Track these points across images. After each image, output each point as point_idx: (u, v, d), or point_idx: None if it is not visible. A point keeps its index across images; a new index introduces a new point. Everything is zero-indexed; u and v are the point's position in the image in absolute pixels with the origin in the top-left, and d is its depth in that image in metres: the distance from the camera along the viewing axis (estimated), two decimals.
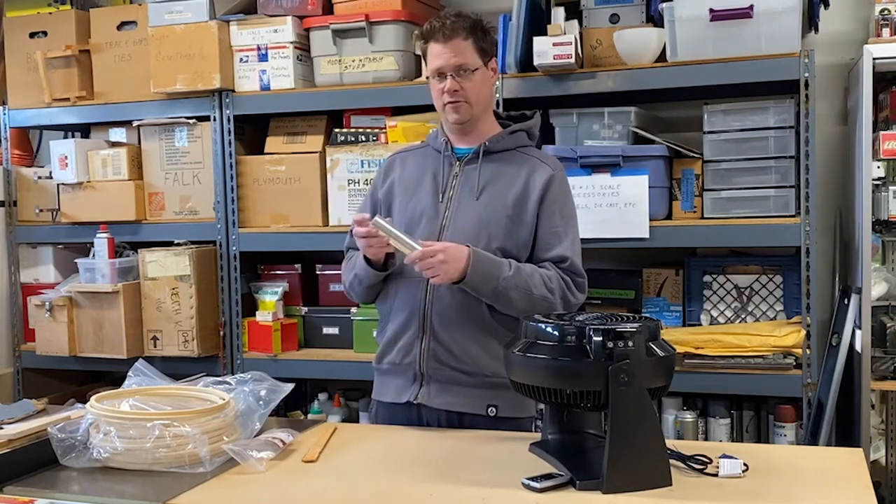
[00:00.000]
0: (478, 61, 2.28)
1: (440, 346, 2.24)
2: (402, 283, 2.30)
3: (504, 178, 2.29)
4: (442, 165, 2.34)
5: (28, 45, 3.81)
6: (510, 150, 2.34)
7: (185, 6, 3.47)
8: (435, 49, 2.27)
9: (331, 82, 3.42)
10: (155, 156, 3.66)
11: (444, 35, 2.25)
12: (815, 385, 2.91)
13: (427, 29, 2.29)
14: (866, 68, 2.82)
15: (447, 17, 2.28)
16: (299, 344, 3.58)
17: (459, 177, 2.32)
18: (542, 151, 2.48)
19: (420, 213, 2.31)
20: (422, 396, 2.26)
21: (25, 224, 3.89)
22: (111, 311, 3.52)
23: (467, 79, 2.26)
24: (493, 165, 2.31)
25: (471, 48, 2.27)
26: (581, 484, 1.70)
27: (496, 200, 2.27)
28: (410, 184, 2.36)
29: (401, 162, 2.43)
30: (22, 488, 1.81)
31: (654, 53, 3.08)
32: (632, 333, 1.69)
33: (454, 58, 2.25)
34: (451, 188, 2.31)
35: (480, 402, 2.24)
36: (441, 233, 2.27)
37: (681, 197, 3.07)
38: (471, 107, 2.28)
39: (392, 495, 1.76)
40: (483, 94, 2.31)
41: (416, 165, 2.39)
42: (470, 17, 2.30)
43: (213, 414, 1.92)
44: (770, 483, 1.74)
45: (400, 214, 2.33)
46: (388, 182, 2.40)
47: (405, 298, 2.29)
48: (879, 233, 3.19)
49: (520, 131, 2.37)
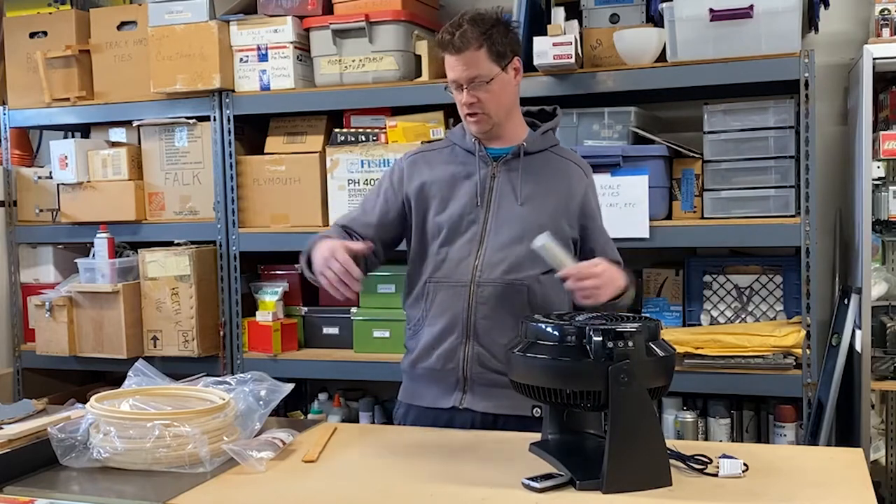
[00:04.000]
0: (493, 69, 2.19)
1: (484, 350, 2.21)
2: (442, 287, 2.26)
3: (544, 182, 2.27)
4: (478, 167, 2.28)
5: (28, 45, 3.81)
6: (544, 150, 2.32)
7: (185, 6, 3.47)
8: (449, 61, 2.21)
9: (331, 82, 3.42)
10: (155, 156, 3.66)
11: (455, 47, 2.18)
12: (815, 385, 2.91)
13: (440, 39, 2.22)
14: (866, 68, 2.81)
15: (459, 26, 2.19)
16: (299, 344, 3.58)
17: (497, 179, 2.27)
18: (571, 151, 2.44)
19: (461, 217, 2.26)
20: (466, 401, 2.23)
21: (25, 224, 3.89)
22: (111, 311, 3.52)
23: (484, 90, 2.19)
24: (532, 168, 2.28)
25: (484, 57, 2.18)
26: (581, 484, 1.70)
27: (539, 206, 2.24)
28: (445, 186, 2.29)
29: (426, 162, 2.35)
30: (22, 488, 1.81)
31: (654, 53, 3.08)
32: (632, 333, 1.69)
33: (467, 70, 2.18)
34: (491, 191, 2.26)
35: (525, 404, 2.16)
36: (483, 239, 2.24)
37: (681, 197, 3.08)
38: (490, 117, 2.23)
39: (392, 495, 1.76)
40: (504, 100, 2.24)
41: (447, 166, 2.32)
42: (485, 20, 2.20)
43: (213, 414, 1.92)
44: (770, 483, 1.74)
45: (438, 219, 2.28)
46: (416, 183, 2.32)
47: (445, 303, 2.25)
48: (879, 233, 3.20)
49: (549, 130, 2.35)
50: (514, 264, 2.21)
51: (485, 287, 2.21)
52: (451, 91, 2.26)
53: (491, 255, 2.22)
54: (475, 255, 2.23)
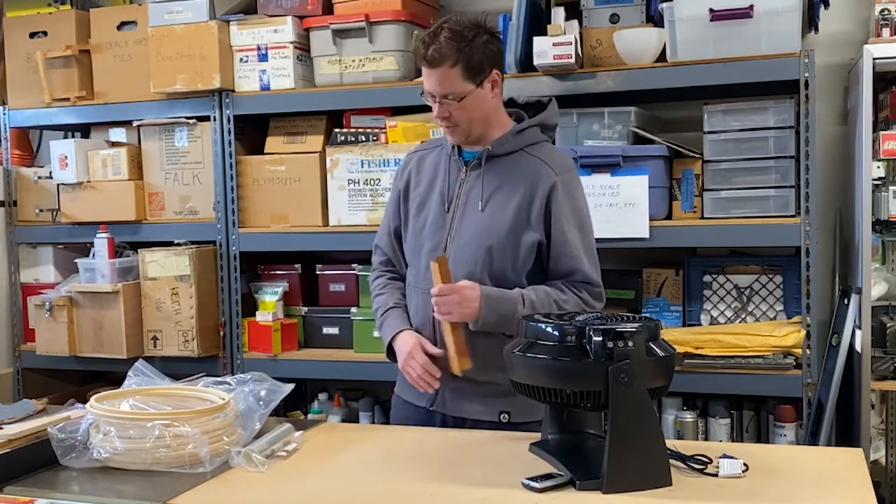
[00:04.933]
0: (467, 87, 2.15)
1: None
2: (415, 292, 2.31)
3: (507, 186, 2.22)
4: (449, 170, 2.29)
5: (28, 45, 3.81)
6: (516, 151, 2.26)
7: (185, 6, 3.47)
8: (424, 71, 2.18)
9: (331, 82, 3.42)
10: (155, 156, 3.66)
11: (428, 62, 2.14)
12: (815, 385, 2.91)
13: (416, 48, 2.19)
14: (866, 68, 2.82)
15: (436, 39, 2.13)
16: (299, 344, 3.58)
17: (465, 184, 2.26)
18: (552, 149, 2.35)
19: (430, 222, 2.28)
20: (438, 404, 2.28)
21: (25, 224, 3.89)
22: (111, 311, 3.52)
23: (456, 106, 2.17)
24: (498, 171, 2.24)
25: (457, 76, 2.14)
26: (581, 484, 1.70)
27: (499, 211, 2.21)
28: (423, 189, 2.32)
29: (417, 161, 2.38)
30: (22, 488, 1.81)
31: (654, 53, 3.08)
32: (632, 333, 1.69)
33: (440, 87, 2.15)
34: (457, 196, 2.26)
35: (493, 410, 2.24)
36: (447, 245, 2.25)
37: (681, 197, 3.07)
38: (463, 129, 2.22)
39: (392, 495, 1.76)
40: (476, 114, 2.21)
41: (430, 168, 2.34)
42: (464, 33, 2.14)
43: (213, 414, 1.92)
44: (770, 483, 1.74)
45: (413, 224, 2.32)
46: (405, 180, 2.37)
47: (418, 308, 2.30)
48: (879, 233, 3.20)
49: (530, 128, 2.28)
50: (472, 272, 2.21)
51: None
52: (427, 99, 2.23)
53: (452, 263, 2.22)
54: None
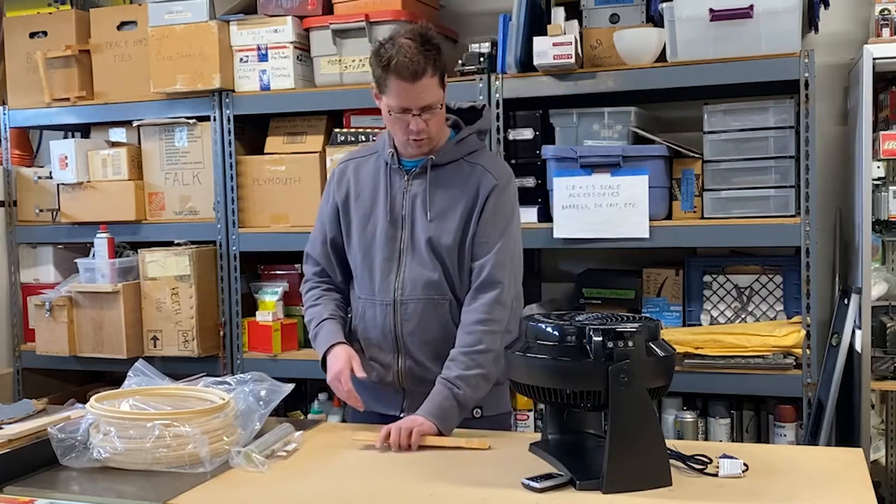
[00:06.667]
0: (440, 93, 2.18)
1: (416, 364, 2.25)
2: (369, 304, 2.29)
3: (451, 195, 2.23)
4: (391, 181, 2.27)
5: (28, 45, 3.81)
6: (457, 160, 2.26)
7: (185, 6, 3.46)
8: (401, 86, 2.11)
9: (331, 82, 3.42)
10: (155, 156, 3.66)
11: (412, 74, 2.09)
12: (815, 385, 2.91)
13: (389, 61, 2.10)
14: (866, 68, 2.81)
15: (413, 51, 2.09)
16: (299, 344, 3.58)
17: (408, 193, 2.25)
18: (491, 155, 2.39)
19: (379, 234, 2.26)
20: (407, 410, 2.25)
21: (25, 224, 3.88)
22: (111, 311, 3.52)
23: (433, 115, 2.17)
24: (442, 180, 2.24)
25: (435, 84, 2.15)
26: (581, 484, 1.71)
27: (447, 220, 2.22)
28: (366, 200, 2.29)
29: (354, 170, 2.34)
30: (22, 488, 1.81)
31: (654, 53, 3.08)
32: (632, 333, 1.69)
33: (423, 99, 2.13)
34: (404, 207, 2.25)
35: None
36: (401, 256, 2.24)
37: (681, 197, 3.07)
38: (433, 139, 2.22)
39: (392, 495, 1.76)
40: (441, 121, 2.23)
41: (370, 178, 2.31)
42: (431, 42, 2.13)
43: (213, 414, 1.93)
44: (770, 483, 1.74)
45: (359, 236, 2.29)
46: (343, 190, 2.33)
47: (374, 319, 2.28)
48: (879, 233, 3.19)
49: (469, 136, 2.29)
50: (431, 281, 2.22)
51: (408, 304, 2.23)
52: (394, 115, 2.17)
53: (409, 273, 2.23)
54: (395, 274, 2.25)
